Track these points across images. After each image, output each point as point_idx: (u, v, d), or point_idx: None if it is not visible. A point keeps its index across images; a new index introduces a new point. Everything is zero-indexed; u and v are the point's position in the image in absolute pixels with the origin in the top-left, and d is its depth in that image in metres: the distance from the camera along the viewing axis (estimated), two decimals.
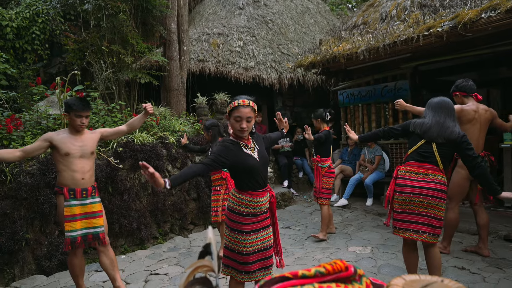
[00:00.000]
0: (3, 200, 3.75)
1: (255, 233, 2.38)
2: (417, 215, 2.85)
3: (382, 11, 6.66)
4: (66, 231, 3.04)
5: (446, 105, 2.93)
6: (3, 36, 8.03)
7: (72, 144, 3.09)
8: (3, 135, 4.09)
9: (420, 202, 2.83)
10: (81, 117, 3.11)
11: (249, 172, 2.36)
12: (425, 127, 2.89)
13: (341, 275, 0.81)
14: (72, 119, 3.10)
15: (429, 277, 0.81)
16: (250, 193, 2.37)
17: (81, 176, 3.10)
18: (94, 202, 3.18)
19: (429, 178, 2.83)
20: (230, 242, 2.41)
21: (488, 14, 4.26)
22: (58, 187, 3.10)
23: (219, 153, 2.30)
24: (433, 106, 2.98)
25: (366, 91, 7.10)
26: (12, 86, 7.44)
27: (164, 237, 5.08)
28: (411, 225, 2.88)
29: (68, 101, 3.16)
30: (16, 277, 3.76)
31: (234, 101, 2.32)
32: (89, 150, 3.18)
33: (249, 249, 2.35)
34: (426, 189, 2.82)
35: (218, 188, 4.24)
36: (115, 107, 5.45)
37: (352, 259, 3.99)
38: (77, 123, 3.11)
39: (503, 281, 3.22)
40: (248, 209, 2.36)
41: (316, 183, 4.79)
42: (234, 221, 2.38)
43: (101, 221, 3.20)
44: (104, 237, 3.20)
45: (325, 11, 12.16)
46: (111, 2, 5.62)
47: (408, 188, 2.87)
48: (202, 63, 8.29)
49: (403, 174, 2.95)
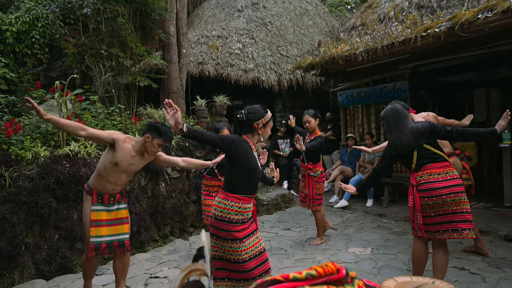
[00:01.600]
0: (2, 205, 3.75)
1: (247, 238, 2.36)
2: (453, 214, 2.84)
3: (380, 12, 6.67)
4: (91, 236, 2.99)
5: (395, 110, 3.00)
6: (3, 40, 8.05)
7: (126, 159, 2.97)
8: (2, 139, 4.09)
9: (453, 201, 2.83)
10: (162, 146, 3.03)
11: (251, 173, 2.39)
12: (399, 143, 2.91)
13: (332, 277, 0.81)
14: (153, 144, 2.95)
15: (420, 278, 0.81)
16: (239, 198, 2.36)
17: (112, 187, 3.06)
18: (121, 208, 3.15)
19: (451, 176, 2.87)
20: (224, 252, 2.36)
21: (485, 15, 4.27)
22: (88, 187, 3.06)
23: (233, 139, 2.35)
24: (388, 118, 3.03)
25: (365, 92, 7.11)
26: (12, 90, 7.46)
27: (164, 240, 5.08)
28: (449, 225, 2.85)
29: (159, 127, 2.95)
30: (15, 282, 3.75)
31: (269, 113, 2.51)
32: (136, 170, 3.13)
33: (245, 256, 2.32)
34: (454, 186, 2.84)
35: (213, 194, 4.24)
36: (115, 111, 5.46)
37: (352, 260, 3.99)
38: (154, 150, 2.99)
39: (503, 281, 3.22)
40: (237, 216, 2.35)
41: (307, 190, 4.59)
42: (224, 230, 2.34)
43: (126, 228, 3.18)
44: (129, 244, 3.18)
45: (324, 13, 12.18)
46: (110, 6, 5.64)
47: (439, 190, 2.83)
48: (202, 66, 8.31)
49: (425, 178, 2.89)
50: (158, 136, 2.93)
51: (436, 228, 2.90)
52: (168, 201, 5.15)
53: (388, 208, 6.08)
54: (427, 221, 2.93)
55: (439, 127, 2.93)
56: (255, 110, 2.46)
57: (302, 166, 4.73)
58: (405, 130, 2.90)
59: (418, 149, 2.91)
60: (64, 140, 4.50)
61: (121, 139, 2.96)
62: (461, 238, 2.87)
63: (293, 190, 7.71)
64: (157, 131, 2.94)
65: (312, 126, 4.59)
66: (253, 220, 2.51)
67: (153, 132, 2.94)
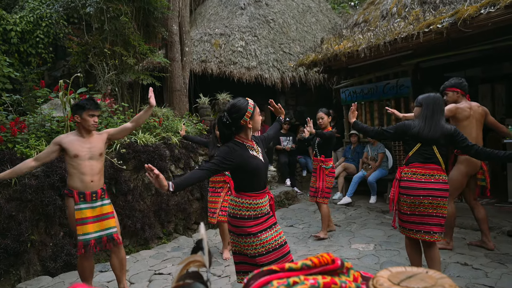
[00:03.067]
0: (8, 203, 3.81)
1: (262, 233, 2.35)
2: (428, 217, 2.86)
3: (382, 8, 6.65)
4: (78, 234, 3.06)
5: (437, 101, 2.95)
6: (8, 40, 8.13)
7: (80, 146, 3.11)
8: (7, 138, 4.15)
9: (430, 204, 2.84)
10: (94, 116, 3.17)
11: (253, 173, 2.37)
12: (426, 133, 2.87)
13: (327, 267, 0.83)
14: (85, 119, 3.12)
15: (414, 268, 0.83)
16: (249, 195, 2.37)
17: (90, 179, 3.12)
18: (104, 204, 3.21)
19: (436, 179, 2.86)
20: (240, 247, 2.40)
21: (488, 10, 4.25)
22: (67, 190, 3.12)
23: (223, 155, 2.29)
24: (425, 103, 2.97)
25: (368, 88, 7.09)
26: (17, 90, 7.53)
27: (168, 237, 5.12)
28: (422, 227, 2.88)
29: (78, 102, 3.19)
30: (22, 279, 3.81)
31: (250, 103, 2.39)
32: (98, 152, 3.19)
33: (261, 249, 2.33)
34: (435, 190, 2.84)
35: (218, 191, 4.26)
36: (118, 109, 5.50)
37: (355, 256, 4.00)
38: (90, 123, 3.15)
39: (506, 276, 3.22)
40: (249, 212, 2.35)
41: (319, 183, 4.77)
42: (238, 226, 2.37)
43: (113, 222, 3.23)
44: (118, 237, 3.24)
45: (327, 10, 12.15)
46: (112, 5, 5.67)
47: (417, 191, 2.86)
48: (204, 64, 8.32)
49: (409, 176, 2.93)
50: (82, 109, 3.13)
51: (410, 227, 2.93)
52: (172, 199, 5.18)
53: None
54: (402, 217, 2.99)
55: (461, 138, 2.86)
56: (236, 107, 2.36)
57: (315, 160, 4.88)
58: (438, 125, 2.88)
59: (425, 144, 2.90)
60: None
61: (62, 137, 3.19)
62: (431, 240, 2.88)
63: (296, 187, 7.72)
64: (79, 107, 3.15)
65: (325, 123, 4.83)
66: (272, 214, 2.49)
67: (77, 109, 3.15)
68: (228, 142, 2.41)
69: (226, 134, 2.40)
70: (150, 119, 5.66)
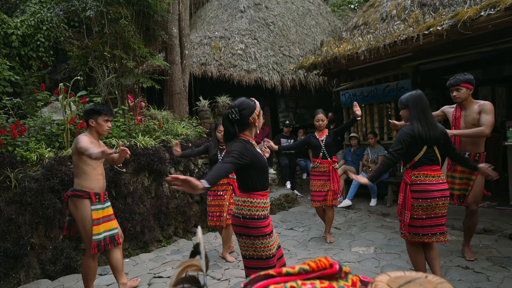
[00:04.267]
0: (8, 206, 3.80)
1: (272, 233, 2.38)
2: (441, 217, 2.89)
3: (382, 11, 6.66)
4: (93, 234, 3.11)
5: (422, 98, 2.93)
6: (9, 43, 8.14)
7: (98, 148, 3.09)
8: (8, 141, 4.15)
9: (443, 204, 2.87)
10: (108, 121, 3.23)
11: (263, 170, 2.37)
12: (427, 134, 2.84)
13: (325, 272, 0.82)
14: (100, 124, 3.18)
15: (413, 273, 0.82)
16: (261, 194, 2.35)
17: (103, 180, 3.27)
18: (109, 205, 3.33)
19: (442, 179, 2.91)
20: (255, 250, 2.31)
21: (488, 12, 4.24)
22: (82, 192, 3.12)
23: (240, 150, 2.22)
24: (412, 104, 2.91)
25: (368, 91, 7.09)
26: (17, 93, 7.54)
27: (168, 240, 5.11)
28: (437, 229, 2.88)
29: (94, 107, 3.21)
30: (21, 282, 3.80)
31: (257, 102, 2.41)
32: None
33: (273, 250, 2.34)
34: (445, 190, 2.89)
35: (221, 193, 4.24)
36: (118, 112, 5.50)
37: (355, 260, 3.98)
38: (105, 128, 3.21)
39: (508, 280, 3.19)
40: (263, 211, 2.33)
41: (333, 184, 4.54)
42: (255, 228, 2.28)
43: (115, 223, 3.35)
44: (119, 238, 3.34)
45: (327, 13, 12.16)
46: (112, 8, 5.67)
47: (434, 193, 2.84)
48: (204, 67, 8.33)
49: (421, 179, 2.88)
50: (98, 114, 3.16)
51: (426, 231, 2.88)
52: (171, 202, 5.17)
53: (392, 208, 6.05)
54: (416, 223, 2.90)
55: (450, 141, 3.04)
56: (246, 104, 2.33)
57: (324, 163, 4.61)
58: (434, 123, 2.87)
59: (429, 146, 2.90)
60: (68, 141, 4.54)
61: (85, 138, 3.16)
62: (446, 240, 2.90)
63: (296, 190, 7.71)
64: (95, 111, 3.17)
65: (325, 124, 4.75)
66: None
67: (92, 114, 3.17)
68: (234, 139, 2.35)
69: (231, 131, 2.34)
70: (150, 122, 5.66)
